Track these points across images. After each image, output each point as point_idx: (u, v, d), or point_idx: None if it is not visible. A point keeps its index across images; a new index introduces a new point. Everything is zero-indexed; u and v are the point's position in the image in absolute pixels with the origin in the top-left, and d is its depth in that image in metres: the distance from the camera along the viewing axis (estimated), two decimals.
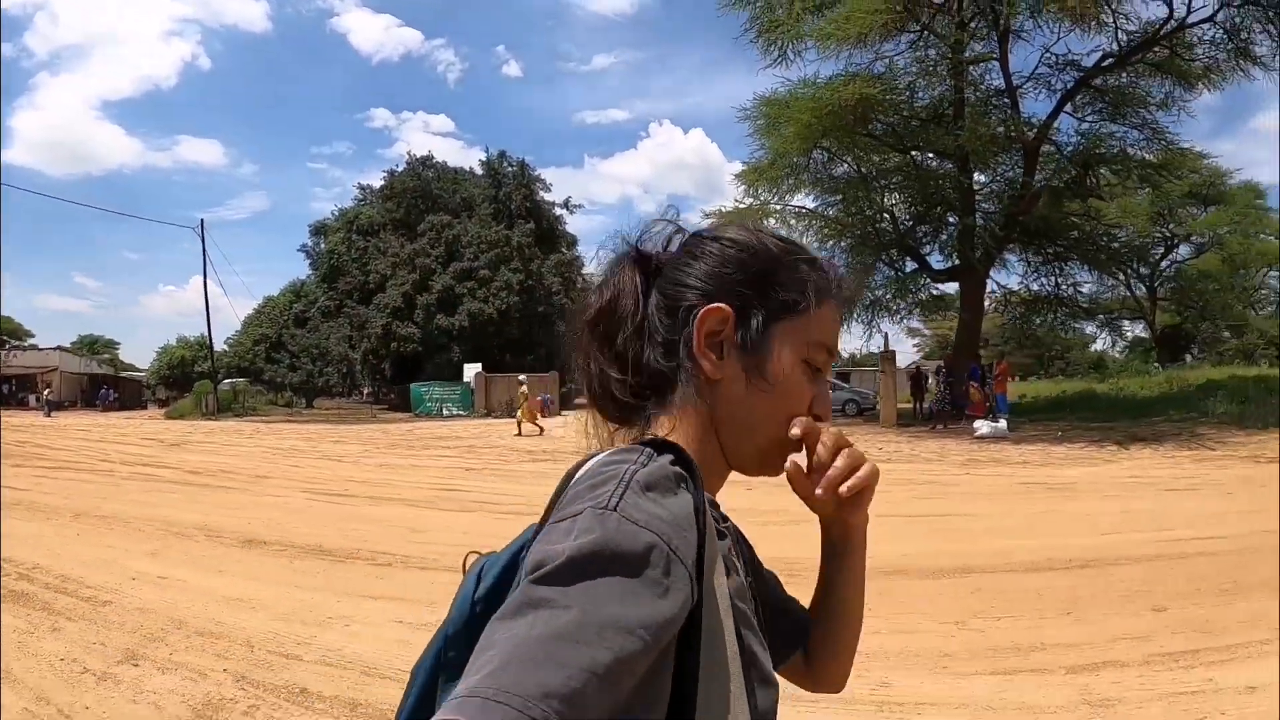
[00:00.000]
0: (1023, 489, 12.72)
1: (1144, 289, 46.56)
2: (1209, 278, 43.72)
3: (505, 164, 55.56)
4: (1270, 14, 22.21)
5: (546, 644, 0.66)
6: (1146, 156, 25.72)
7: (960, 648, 5.44)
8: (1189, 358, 51.58)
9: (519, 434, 25.94)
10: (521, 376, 31.35)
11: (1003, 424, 21.16)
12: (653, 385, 1.02)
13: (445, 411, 42.36)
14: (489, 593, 0.93)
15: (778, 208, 27.51)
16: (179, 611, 6.37)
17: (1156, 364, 41.68)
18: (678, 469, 0.85)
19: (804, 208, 28.21)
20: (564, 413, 43.12)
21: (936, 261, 28.66)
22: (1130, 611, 6.12)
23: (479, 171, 57.86)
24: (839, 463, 1.01)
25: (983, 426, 20.81)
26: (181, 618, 6.21)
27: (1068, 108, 25.67)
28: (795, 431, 0.99)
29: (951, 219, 27.06)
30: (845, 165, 28.23)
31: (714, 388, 1.00)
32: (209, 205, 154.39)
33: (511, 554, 0.95)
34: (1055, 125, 25.66)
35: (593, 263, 1.15)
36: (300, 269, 63.95)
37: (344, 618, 6.23)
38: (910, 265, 28.55)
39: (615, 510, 0.76)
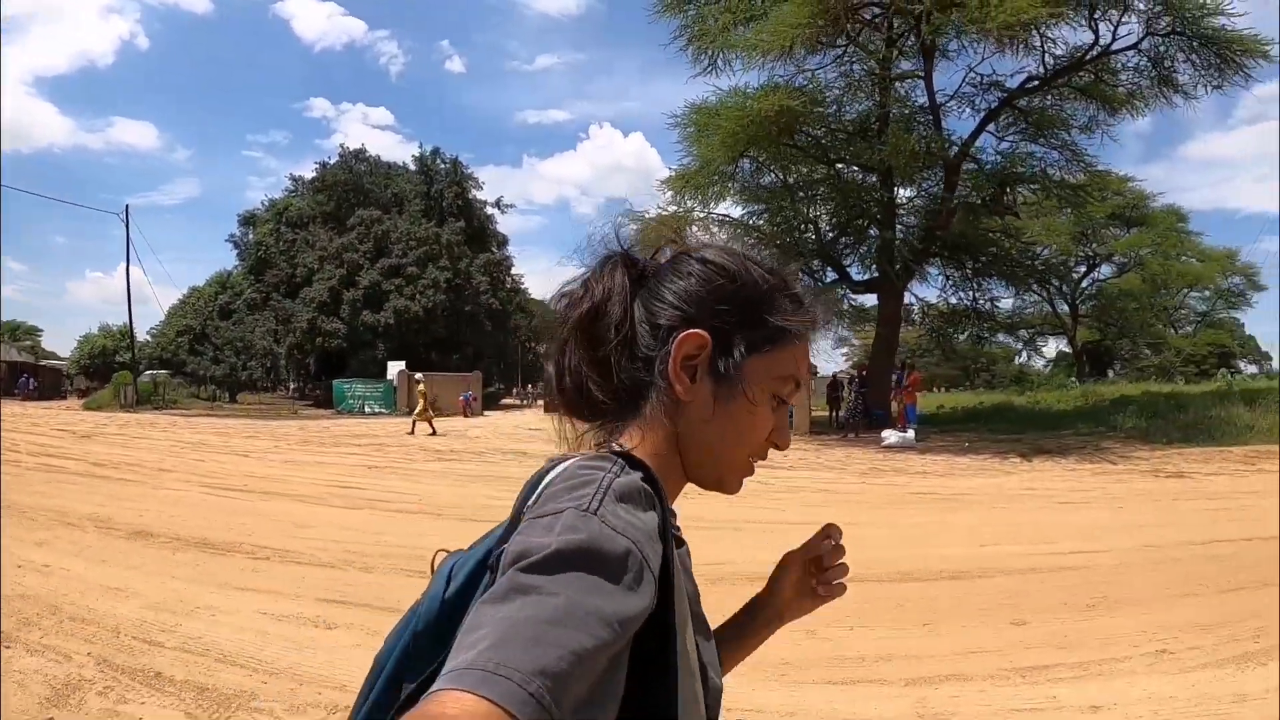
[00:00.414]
0: (914, 499, 12.73)
1: (1066, 306, 47.34)
2: (1129, 296, 44.60)
3: (438, 161, 55.31)
4: (1194, 44, 22.58)
5: (537, 626, 0.68)
6: (1066, 177, 25.93)
7: (803, 657, 5.33)
8: (1111, 374, 52.78)
9: (411, 433, 25.66)
10: (418, 375, 31.04)
11: (910, 434, 21.19)
12: (627, 393, 1.04)
13: (367, 409, 41.82)
14: (458, 593, 0.94)
15: (701, 215, 27.43)
16: (57, 598, 6.42)
17: (1074, 379, 42.42)
18: (647, 487, 0.89)
19: (728, 216, 28.12)
20: (487, 413, 42.97)
21: (857, 273, 28.83)
22: (989, 624, 6.06)
23: (413, 167, 57.45)
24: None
25: (890, 436, 20.87)
26: (58, 604, 6.27)
27: (991, 127, 25.89)
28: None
29: (873, 232, 27.21)
30: (772, 175, 28.26)
31: (682, 408, 1.02)
32: (140, 190, 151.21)
33: (480, 555, 0.96)
34: (978, 144, 25.88)
35: (577, 261, 1.16)
36: (230, 259, 62.71)
37: (210, 608, 6.27)
38: (831, 276, 28.65)
39: (596, 514, 0.80)
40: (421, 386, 27.56)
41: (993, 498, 12.73)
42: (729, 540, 8.59)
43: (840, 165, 26.87)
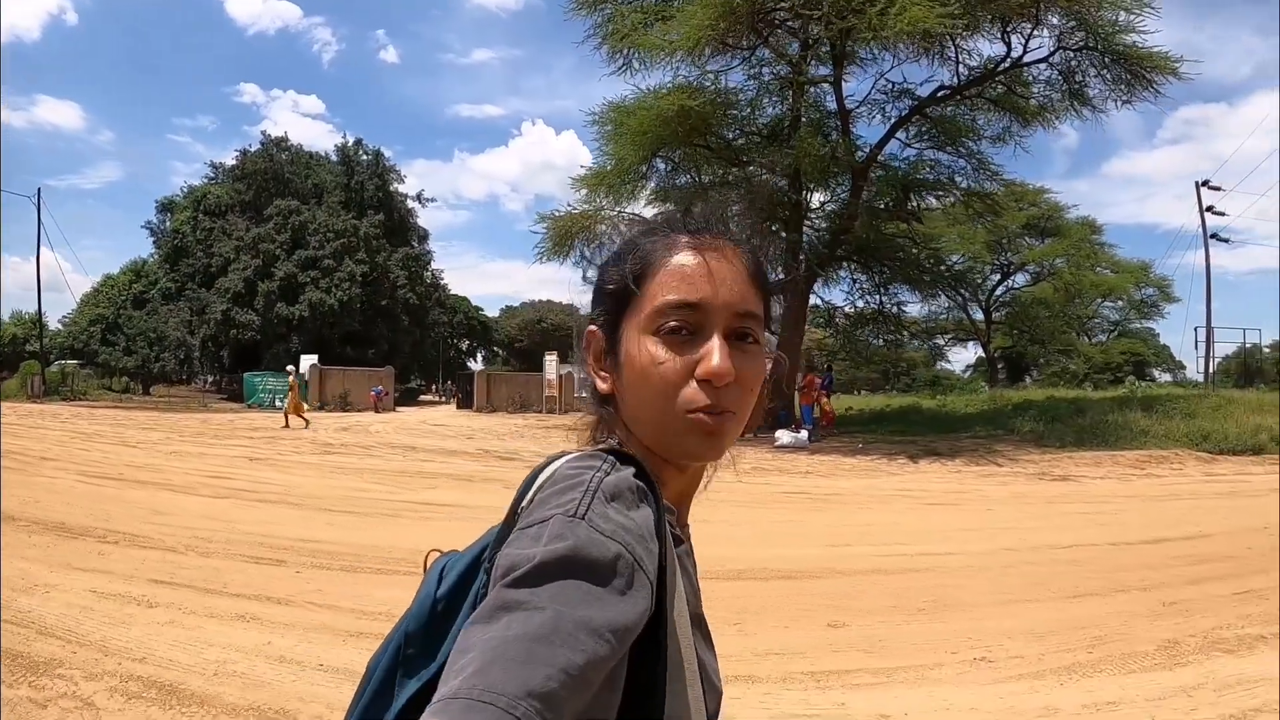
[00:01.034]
0: (784, 498, 12.69)
1: (981, 313, 48.00)
2: (1042, 305, 45.31)
3: (361, 152, 54.64)
4: (1106, 60, 22.86)
5: (524, 644, 0.67)
6: (973, 186, 26.18)
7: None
8: (1029, 379, 53.68)
9: (286, 425, 25.56)
10: (290, 367, 30.54)
11: (804, 434, 21.30)
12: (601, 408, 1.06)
13: (278, 403, 40.93)
14: (450, 593, 0.94)
15: (610, 214, 27.26)
16: None
17: (984, 383, 43.01)
18: (639, 482, 0.87)
19: (638, 215, 27.96)
20: (400, 408, 42.52)
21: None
22: (805, 626, 5.93)
23: (335, 158, 56.64)
24: None
25: (784, 436, 20.91)
26: None
27: (903, 135, 26.09)
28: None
29: (783, 235, 27.21)
30: (688, 176, 28.21)
31: (615, 400, 1.02)
32: (61, 172, 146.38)
33: (473, 555, 0.95)
34: (890, 151, 26.10)
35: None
36: (148, 246, 61.24)
37: (48, 585, 6.39)
38: None
39: (584, 519, 0.78)
40: (291, 379, 27.58)
41: (864, 499, 12.77)
42: None
43: (752, 168, 26.78)
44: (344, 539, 8.61)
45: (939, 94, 25.04)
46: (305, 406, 27.51)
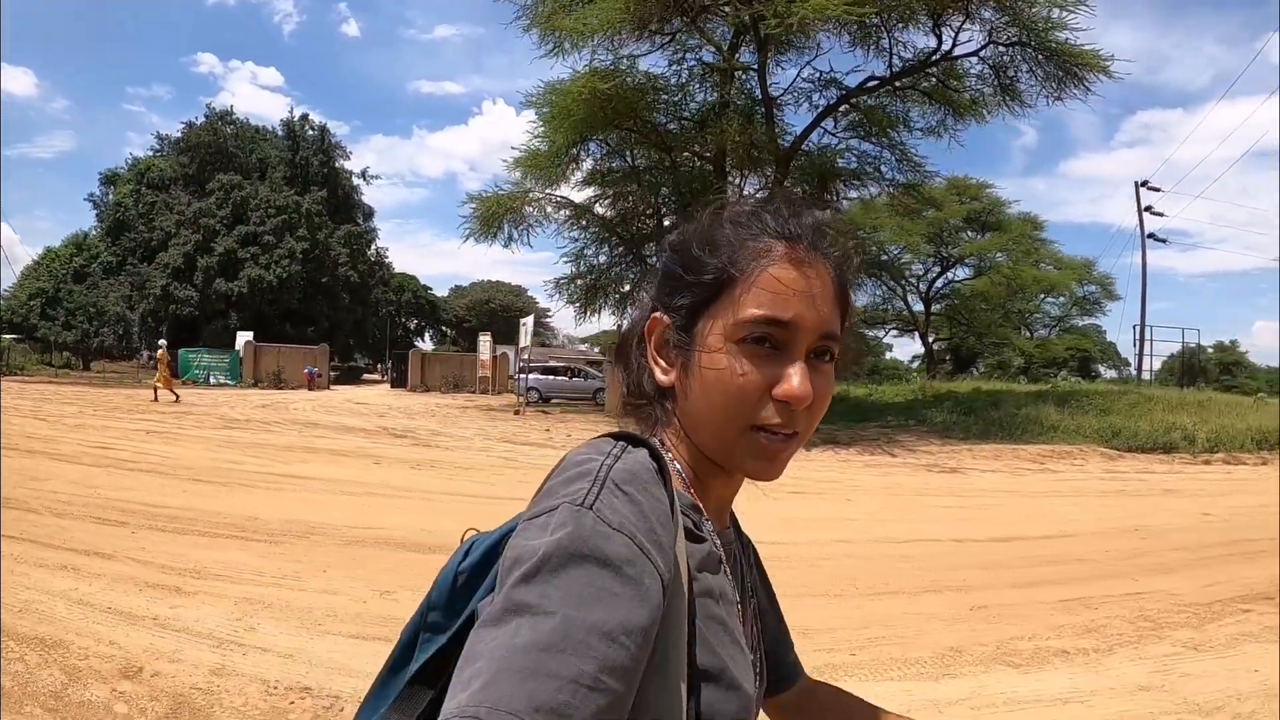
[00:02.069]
0: None
1: (922, 305, 48.34)
2: (981, 299, 45.65)
3: (307, 127, 54.06)
4: (1039, 56, 22.92)
5: (532, 654, 0.65)
6: (897, 177, 26.29)
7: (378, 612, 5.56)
8: (975, 372, 54.01)
9: (155, 399, 25.50)
10: (162, 341, 30.29)
11: None
12: (642, 399, 1.03)
13: (213, 379, 40.79)
14: (472, 567, 0.91)
15: (538, 196, 27.17)
16: None
17: (916, 374, 43.30)
18: (651, 465, 0.85)
19: (566, 198, 27.92)
20: (337, 387, 42.25)
21: None
22: None
23: (281, 132, 56.04)
24: None
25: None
26: None
27: (831, 125, 26.14)
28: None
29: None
30: (622, 160, 28.13)
31: (675, 395, 0.98)
32: (14, 141, 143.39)
33: (500, 535, 0.92)
34: (820, 140, 26.13)
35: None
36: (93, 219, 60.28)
37: None
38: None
39: (591, 509, 0.76)
40: (161, 353, 27.60)
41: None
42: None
43: (684, 154, 26.72)
44: (191, 505, 8.83)
45: (868, 84, 25.08)
46: (175, 381, 27.65)
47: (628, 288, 28.07)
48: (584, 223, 28.05)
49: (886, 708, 1.27)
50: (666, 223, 27.70)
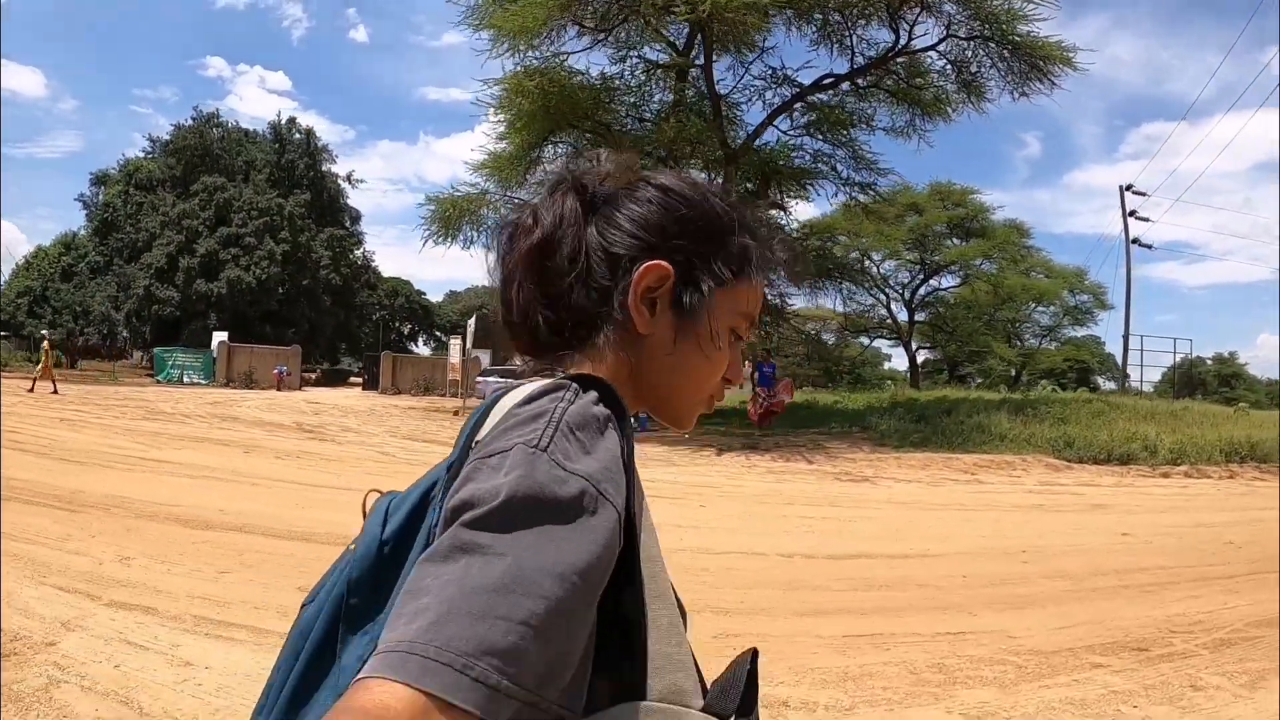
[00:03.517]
0: None
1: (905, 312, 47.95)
2: (962, 307, 45.22)
3: (294, 130, 54.08)
4: (1002, 50, 22.50)
5: (483, 595, 0.65)
6: (853, 177, 25.84)
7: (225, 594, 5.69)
8: (971, 382, 53.53)
9: (32, 390, 25.53)
10: (45, 332, 31.31)
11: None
12: (579, 325, 0.98)
13: (186, 379, 40.72)
14: (396, 534, 0.87)
15: (496, 198, 26.78)
16: None
17: (890, 381, 42.94)
18: (604, 410, 0.84)
19: (522, 199, 27.49)
20: (310, 389, 42.11)
21: None
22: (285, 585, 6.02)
23: (270, 136, 56.02)
24: None
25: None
26: None
27: (788, 124, 25.76)
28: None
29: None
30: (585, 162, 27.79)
31: (640, 341, 0.97)
32: (22, 140, 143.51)
33: (420, 493, 0.89)
34: (770, 139, 25.71)
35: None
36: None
37: None
38: None
39: (545, 451, 0.75)
40: (45, 345, 27.70)
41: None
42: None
43: (637, 154, 26.36)
44: (40, 479, 9.28)
45: (823, 81, 24.68)
46: (55, 374, 27.45)
47: None
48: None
49: None
50: None
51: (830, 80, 24.64)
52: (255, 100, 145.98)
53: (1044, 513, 11.59)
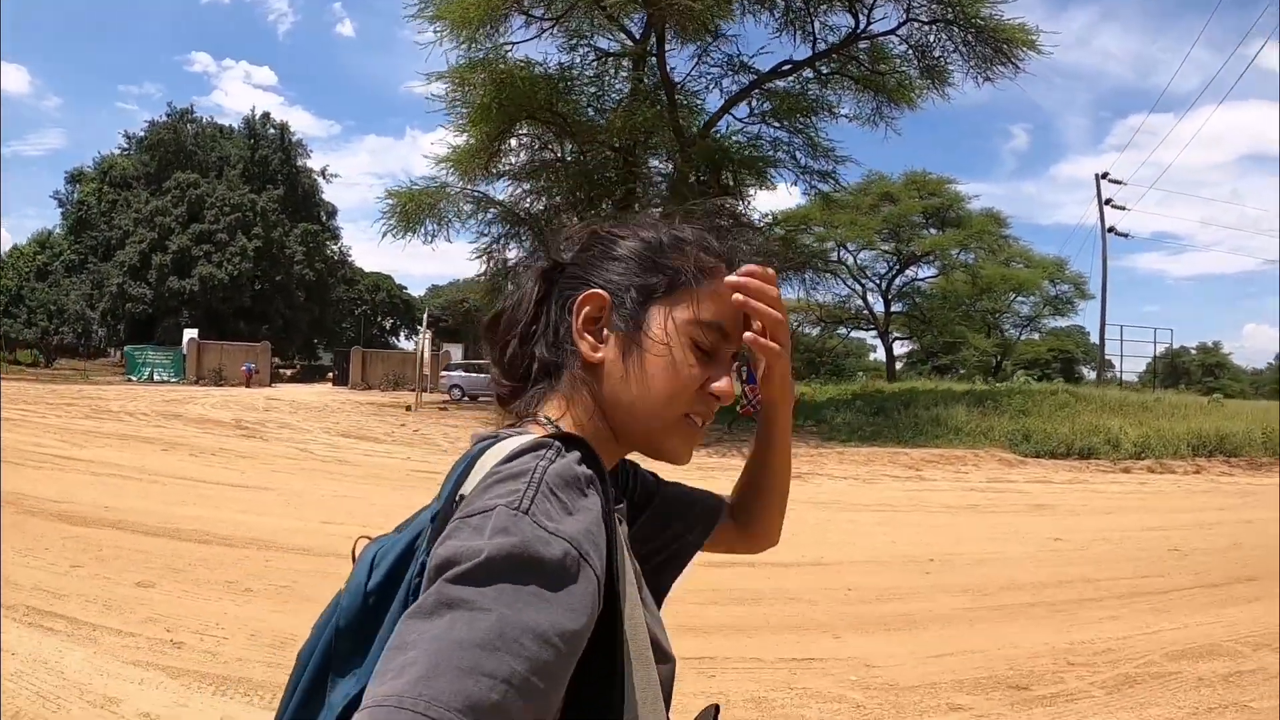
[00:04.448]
0: (408, 475, 12.73)
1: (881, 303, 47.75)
2: (938, 297, 45.05)
3: (268, 126, 53.76)
4: (966, 35, 22.29)
5: (469, 651, 0.64)
6: (810, 164, 25.54)
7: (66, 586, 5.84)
8: (958, 373, 53.37)
9: None
10: None
11: None
12: (545, 372, 1.03)
13: (157, 377, 40.45)
14: (382, 583, 0.88)
15: (455, 191, 26.48)
16: None
17: (861, 373, 42.76)
18: (586, 469, 0.85)
19: (481, 193, 27.22)
20: (280, 385, 41.87)
21: None
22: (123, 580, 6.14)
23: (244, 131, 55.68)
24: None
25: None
26: None
27: (746, 112, 25.48)
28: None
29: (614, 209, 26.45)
30: (532, 154, 27.50)
31: (597, 371, 0.99)
32: (8, 138, 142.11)
33: (406, 542, 0.90)
34: (728, 127, 25.42)
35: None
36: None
37: None
38: None
39: (528, 514, 0.75)
40: None
41: None
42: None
43: (592, 144, 26.02)
44: None
45: (781, 68, 24.42)
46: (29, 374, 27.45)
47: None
48: (488, 216, 27.35)
49: None
50: (576, 217, 27.03)
51: (788, 67, 24.39)
52: (241, 96, 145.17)
53: (975, 514, 11.15)
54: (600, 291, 0.99)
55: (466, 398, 33.68)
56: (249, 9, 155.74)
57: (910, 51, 23.82)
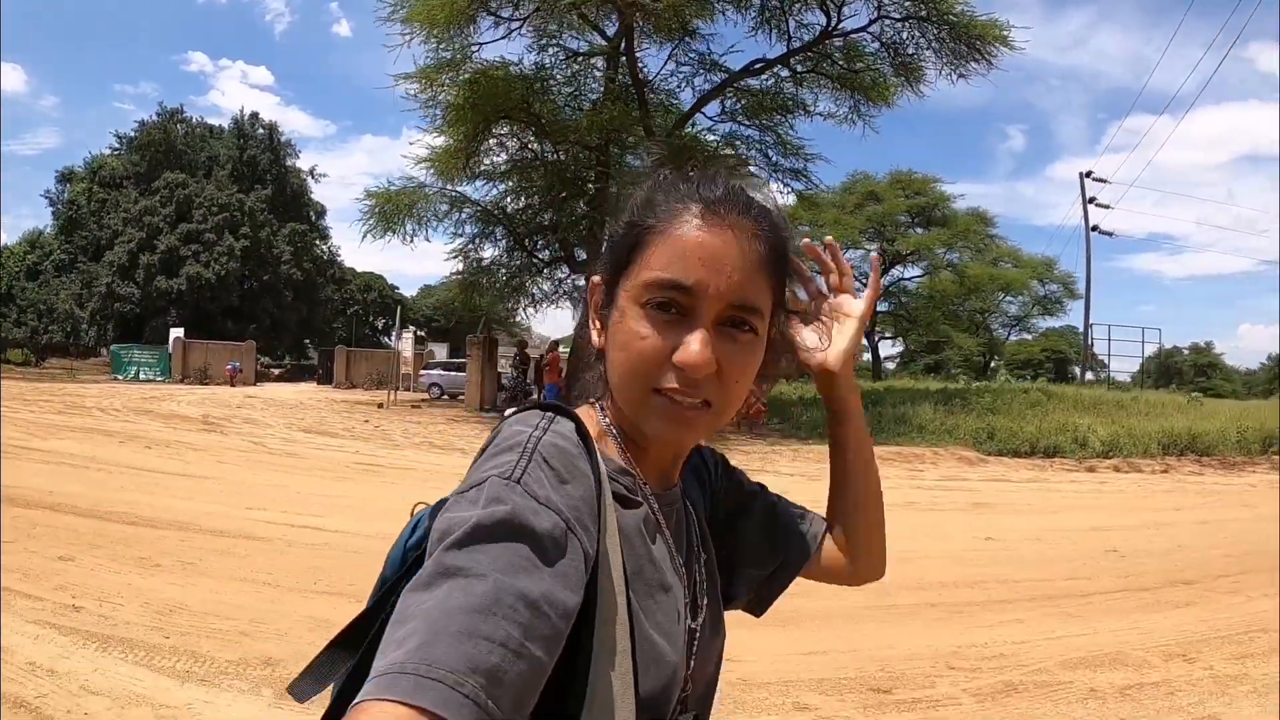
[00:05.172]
0: (347, 468, 12.84)
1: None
2: (924, 296, 45.07)
3: (256, 126, 53.85)
4: (941, 32, 22.29)
5: (466, 616, 0.66)
6: (780, 162, 25.56)
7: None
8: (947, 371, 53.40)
9: None
10: None
11: None
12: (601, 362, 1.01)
13: (142, 375, 40.50)
14: (419, 542, 0.93)
15: (432, 192, 26.49)
16: None
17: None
18: (576, 438, 0.87)
19: (459, 193, 27.24)
20: (265, 384, 41.91)
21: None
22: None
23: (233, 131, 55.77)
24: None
25: (510, 412, 20.46)
26: None
27: (719, 111, 25.55)
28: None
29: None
30: (506, 153, 27.50)
31: (605, 359, 0.98)
32: (4, 137, 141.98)
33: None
34: (703, 125, 25.44)
35: None
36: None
37: None
38: (550, 254, 28.08)
39: (519, 483, 0.77)
40: None
41: (405, 474, 12.59)
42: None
43: (565, 143, 26.05)
44: None
45: (754, 66, 24.47)
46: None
47: (504, 275, 27.71)
48: (463, 215, 27.38)
49: None
50: (551, 215, 27.09)
51: (760, 65, 24.40)
52: (237, 95, 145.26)
53: (911, 512, 10.67)
54: (596, 279, 0.99)
55: (445, 396, 33.75)
56: (246, 9, 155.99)
57: (883, 49, 23.76)
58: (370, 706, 0.60)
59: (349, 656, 0.88)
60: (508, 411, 0.90)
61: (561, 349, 24.87)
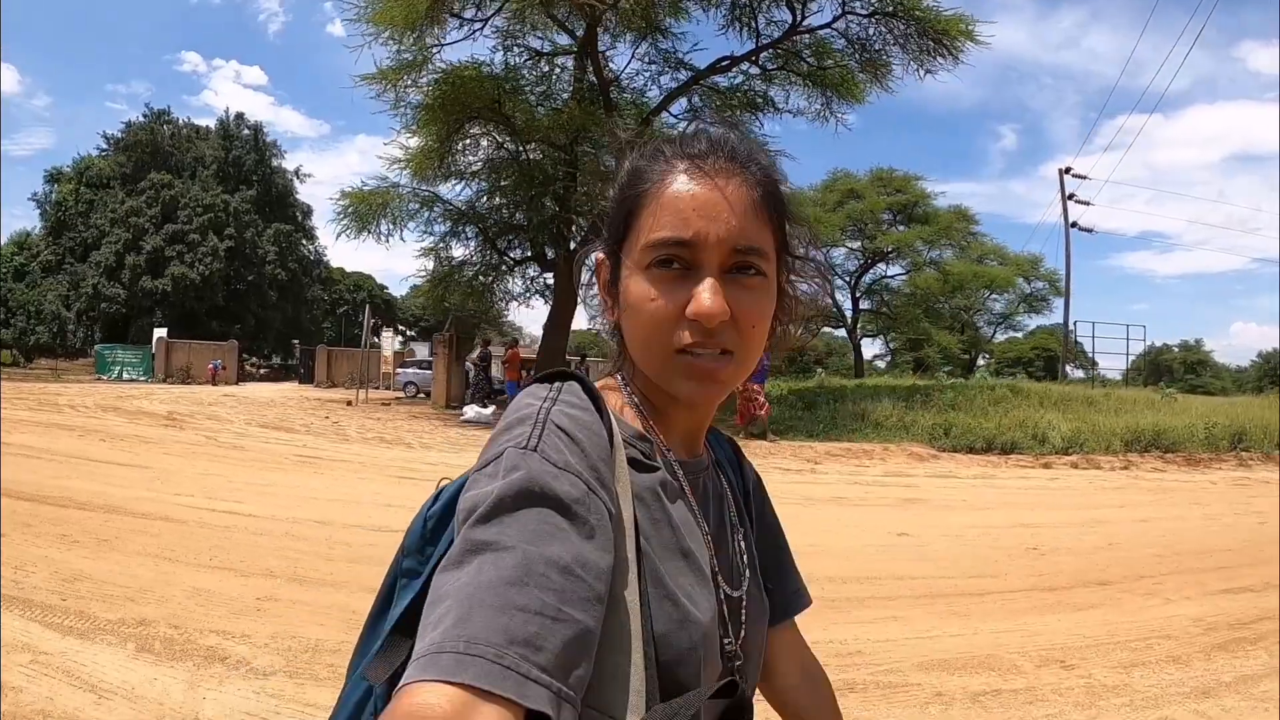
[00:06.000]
0: (290, 461, 12.88)
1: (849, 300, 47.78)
2: (906, 294, 45.13)
3: (242, 127, 53.95)
4: (908, 28, 22.35)
5: (498, 589, 0.67)
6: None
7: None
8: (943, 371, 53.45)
9: None
10: None
11: (488, 410, 20.96)
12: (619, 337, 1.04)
13: (125, 375, 40.71)
14: (440, 510, 0.93)
15: (404, 191, 26.58)
16: None
17: (819, 368, 42.79)
18: (585, 401, 0.88)
19: (431, 192, 27.32)
20: (242, 383, 42.04)
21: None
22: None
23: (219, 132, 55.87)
24: None
25: (468, 411, 20.61)
26: None
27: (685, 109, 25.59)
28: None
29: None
30: (492, 152, 27.56)
31: (622, 331, 1.00)
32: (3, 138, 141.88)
33: (464, 480, 0.90)
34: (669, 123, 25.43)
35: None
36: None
37: None
38: (521, 253, 28.14)
39: (536, 450, 0.78)
40: None
41: (349, 466, 12.61)
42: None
43: (533, 142, 26.15)
44: None
45: (720, 63, 24.54)
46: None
47: (471, 274, 27.70)
48: (433, 214, 27.46)
49: None
50: (522, 212, 27.16)
51: (728, 62, 24.48)
52: (231, 95, 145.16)
53: (834, 507, 10.27)
54: (601, 255, 1.01)
55: (422, 394, 33.86)
56: (239, 8, 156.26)
57: (849, 45, 23.83)
58: (414, 689, 0.61)
59: (409, 641, 0.83)
60: (466, 407, 0.95)
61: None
